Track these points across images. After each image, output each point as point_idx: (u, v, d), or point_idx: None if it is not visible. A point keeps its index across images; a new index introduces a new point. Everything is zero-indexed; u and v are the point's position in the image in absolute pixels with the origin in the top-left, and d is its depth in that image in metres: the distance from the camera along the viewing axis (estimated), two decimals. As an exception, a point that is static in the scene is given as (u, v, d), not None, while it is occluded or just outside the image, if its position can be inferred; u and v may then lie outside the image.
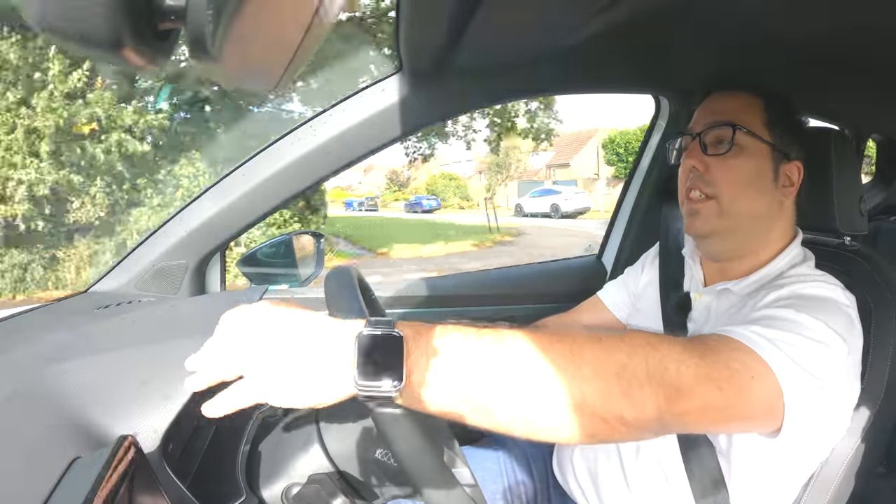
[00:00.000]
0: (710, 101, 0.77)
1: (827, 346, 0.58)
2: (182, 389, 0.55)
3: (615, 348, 0.46)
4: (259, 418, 0.72)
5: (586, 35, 0.80)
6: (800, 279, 0.67)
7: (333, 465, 0.66)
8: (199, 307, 0.84)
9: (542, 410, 0.44)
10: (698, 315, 0.78)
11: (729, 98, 0.75)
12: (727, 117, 0.72)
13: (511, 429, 0.44)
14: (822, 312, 0.60)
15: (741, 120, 0.71)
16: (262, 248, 1.08)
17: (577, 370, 0.44)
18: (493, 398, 0.43)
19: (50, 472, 0.42)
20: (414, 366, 0.42)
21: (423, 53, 0.81)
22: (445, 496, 0.51)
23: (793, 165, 0.73)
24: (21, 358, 0.62)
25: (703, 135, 0.73)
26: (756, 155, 0.71)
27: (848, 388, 0.65)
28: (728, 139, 0.71)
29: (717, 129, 0.72)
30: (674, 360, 0.48)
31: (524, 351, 0.44)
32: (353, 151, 0.92)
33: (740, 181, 0.71)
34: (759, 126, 0.72)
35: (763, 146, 0.72)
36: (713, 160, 0.72)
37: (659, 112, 1.14)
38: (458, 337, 0.44)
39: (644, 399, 0.45)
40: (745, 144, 0.71)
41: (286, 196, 0.94)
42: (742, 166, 0.71)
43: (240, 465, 0.65)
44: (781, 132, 0.72)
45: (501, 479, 0.95)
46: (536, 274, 1.28)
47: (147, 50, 0.19)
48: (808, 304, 0.61)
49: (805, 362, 0.55)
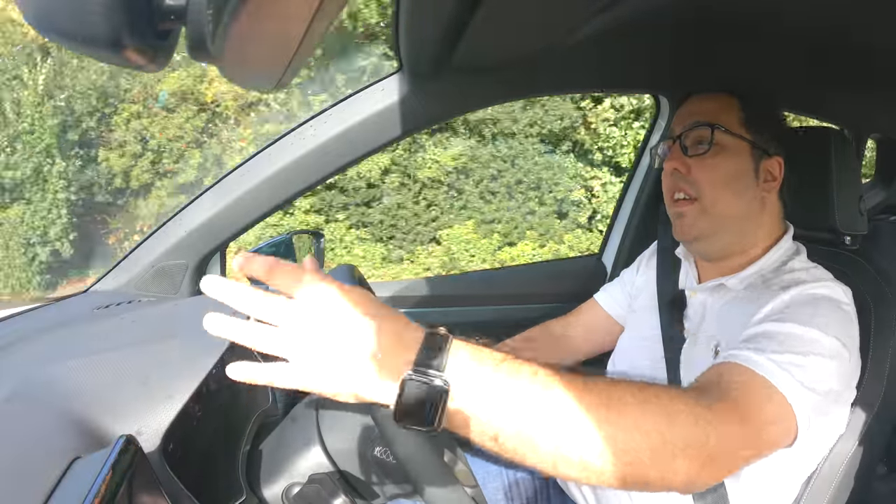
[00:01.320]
0: (688, 104, 0.78)
1: (836, 360, 0.59)
2: (182, 388, 0.55)
3: (653, 411, 0.46)
4: (259, 418, 0.72)
5: (586, 35, 0.80)
6: (798, 281, 0.67)
7: (334, 464, 0.66)
8: (199, 307, 0.84)
9: (573, 460, 0.43)
10: (693, 312, 0.78)
11: (706, 100, 0.76)
12: (705, 118, 0.73)
13: (540, 468, 0.44)
14: (828, 320, 0.61)
15: (719, 120, 0.72)
16: (262, 247, 1.08)
17: (614, 429, 0.44)
18: (525, 444, 0.43)
19: (50, 472, 0.42)
20: (453, 414, 0.41)
21: (423, 53, 0.81)
22: (446, 496, 0.51)
23: (773, 161, 0.73)
24: (21, 358, 0.62)
25: (683, 137, 0.74)
26: (735, 153, 0.72)
27: (849, 390, 0.65)
28: (707, 139, 0.72)
29: (695, 130, 0.73)
30: (711, 429, 0.48)
31: (562, 401, 0.43)
32: (353, 151, 0.92)
33: (721, 180, 0.72)
34: (737, 125, 0.73)
35: (742, 144, 0.72)
36: (694, 161, 0.73)
37: (659, 112, 1.14)
38: (501, 382, 0.43)
39: (677, 467, 0.46)
40: (724, 143, 0.72)
41: (286, 196, 0.94)
42: (722, 165, 0.72)
43: (240, 465, 0.64)
44: (759, 129, 0.73)
45: (501, 478, 0.95)
46: (536, 274, 1.28)
47: (147, 50, 0.19)
48: (813, 312, 0.61)
49: (817, 384, 0.57)
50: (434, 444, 0.54)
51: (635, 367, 0.82)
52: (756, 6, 0.74)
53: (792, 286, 0.66)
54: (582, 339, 0.96)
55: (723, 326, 0.72)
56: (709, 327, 0.74)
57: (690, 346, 0.75)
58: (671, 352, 0.77)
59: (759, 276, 0.72)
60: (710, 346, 0.71)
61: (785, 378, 0.55)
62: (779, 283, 0.69)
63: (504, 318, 1.19)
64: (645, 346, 0.81)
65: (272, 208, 0.95)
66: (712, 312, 0.75)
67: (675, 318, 0.79)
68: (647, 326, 0.83)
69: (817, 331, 0.59)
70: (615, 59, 0.96)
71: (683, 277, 0.84)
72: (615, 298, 0.95)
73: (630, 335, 0.88)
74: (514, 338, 0.96)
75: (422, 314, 1.15)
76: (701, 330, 0.75)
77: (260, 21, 0.21)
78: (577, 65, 0.95)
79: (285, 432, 0.71)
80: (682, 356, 0.75)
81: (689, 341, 0.76)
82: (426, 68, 0.86)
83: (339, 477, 0.66)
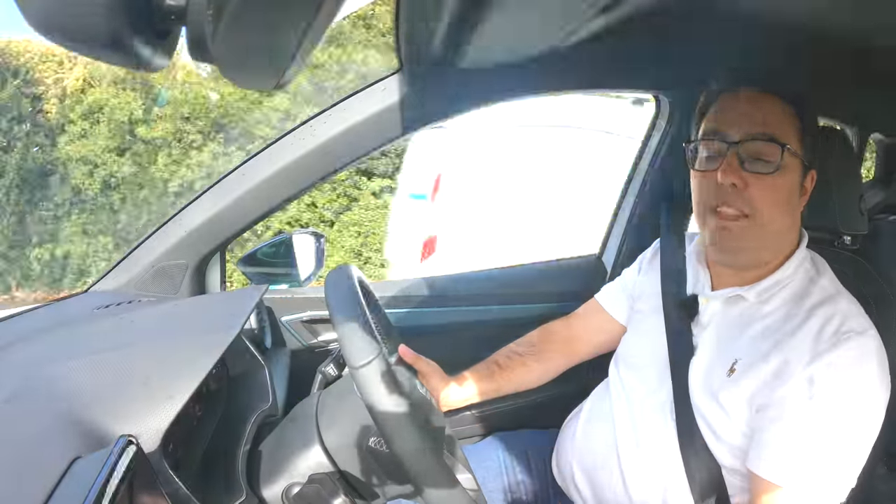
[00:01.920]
0: (743, 100, 0.69)
1: (878, 424, 0.62)
2: (182, 389, 0.55)
3: None
4: (259, 418, 0.72)
5: (586, 35, 0.80)
6: (834, 321, 0.65)
7: (334, 464, 0.66)
8: (199, 307, 0.84)
9: None
10: (706, 320, 0.75)
11: (762, 101, 0.69)
12: (771, 129, 0.66)
13: None
14: (876, 389, 0.62)
15: (784, 134, 0.67)
16: (262, 247, 1.08)
17: None
18: None
19: (50, 472, 0.42)
20: None
21: (423, 53, 0.81)
22: (446, 496, 0.51)
23: (811, 174, 0.71)
24: (21, 358, 0.62)
25: (741, 145, 0.67)
26: (793, 172, 0.68)
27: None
28: (773, 158, 0.66)
29: (758, 142, 0.66)
30: None
31: None
32: (353, 151, 0.92)
33: (780, 201, 0.68)
34: (797, 141, 0.68)
35: (798, 162, 0.68)
36: (753, 178, 0.66)
37: (659, 112, 1.14)
38: None
39: None
40: (787, 163, 0.67)
41: (286, 196, 0.94)
42: (784, 187, 0.67)
43: (240, 465, 0.64)
44: (811, 143, 0.69)
45: (501, 478, 0.95)
46: (536, 274, 1.27)
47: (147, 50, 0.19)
48: (860, 392, 0.61)
49: (858, 468, 0.61)
50: (434, 445, 0.54)
51: (638, 370, 0.81)
52: (756, 5, 0.74)
53: (834, 333, 0.63)
54: (584, 341, 0.95)
55: (743, 345, 0.69)
56: (724, 341, 0.72)
57: (702, 356, 0.73)
58: (677, 356, 0.75)
59: (779, 288, 0.71)
60: (727, 364, 0.69)
61: (835, 486, 0.59)
62: (807, 304, 0.68)
63: (504, 317, 1.18)
64: (648, 349, 0.80)
65: (272, 208, 0.95)
66: (726, 323, 0.73)
67: (684, 324, 0.77)
68: (652, 328, 0.81)
69: (865, 412, 0.61)
70: (615, 59, 0.96)
71: (692, 281, 0.81)
72: (617, 299, 0.94)
73: (633, 337, 0.87)
74: (517, 341, 0.95)
75: (422, 314, 1.15)
76: (714, 341, 0.73)
77: (260, 21, 0.21)
78: (577, 65, 0.95)
79: (285, 432, 0.71)
80: (693, 366, 0.73)
81: (699, 351, 0.74)
82: (426, 68, 0.86)
83: (339, 477, 0.66)
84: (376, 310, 0.80)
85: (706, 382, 0.71)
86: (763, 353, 0.66)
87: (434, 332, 1.15)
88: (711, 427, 0.69)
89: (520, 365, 0.91)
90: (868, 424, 0.61)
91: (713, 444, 0.69)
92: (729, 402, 0.68)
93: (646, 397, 0.77)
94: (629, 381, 0.81)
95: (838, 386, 0.61)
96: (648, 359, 0.79)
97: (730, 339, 0.72)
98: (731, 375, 0.68)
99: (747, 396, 0.66)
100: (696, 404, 0.71)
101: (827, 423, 0.60)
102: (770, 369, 0.65)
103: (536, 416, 1.09)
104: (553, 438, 0.93)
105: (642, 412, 0.77)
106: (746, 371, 0.67)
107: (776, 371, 0.64)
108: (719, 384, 0.69)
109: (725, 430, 0.68)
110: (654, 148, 1.15)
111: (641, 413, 0.77)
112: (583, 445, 0.83)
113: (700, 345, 0.74)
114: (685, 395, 0.72)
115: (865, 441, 0.61)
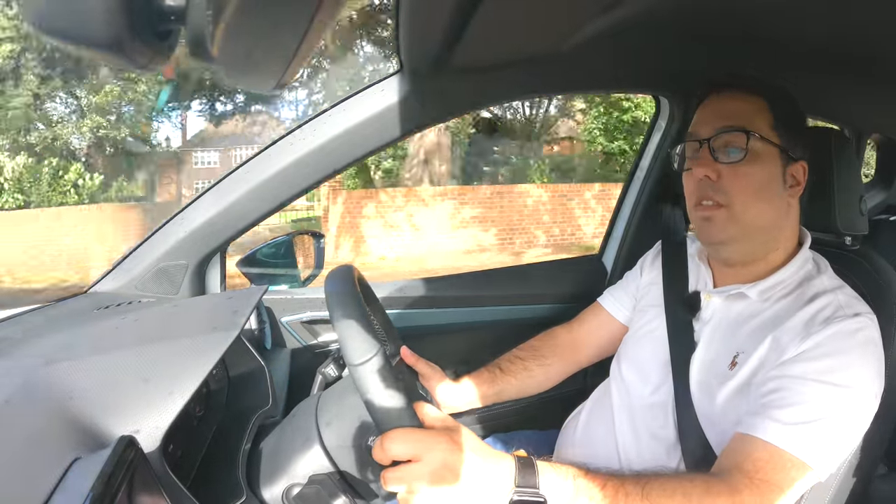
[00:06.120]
0: (713, 103, 0.74)
1: (869, 409, 0.62)
2: (183, 389, 0.55)
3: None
4: (259, 418, 0.72)
5: (586, 35, 0.80)
6: (831, 315, 0.65)
7: (334, 465, 0.66)
8: (200, 307, 0.84)
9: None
10: (708, 316, 0.76)
11: (734, 99, 0.72)
12: (738, 122, 0.70)
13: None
14: (867, 370, 0.62)
15: (752, 124, 0.69)
16: (263, 248, 1.08)
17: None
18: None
19: (50, 472, 0.42)
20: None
21: (423, 53, 0.81)
22: None
23: (798, 165, 0.72)
24: (21, 358, 0.62)
25: (712, 140, 0.71)
26: (767, 160, 0.70)
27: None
28: (740, 146, 0.69)
29: (727, 134, 0.70)
30: None
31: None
32: (353, 151, 0.92)
33: (753, 188, 0.69)
34: (768, 129, 0.70)
35: (773, 149, 0.70)
36: (725, 168, 0.70)
37: (659, 112, 1.14)
38: (579, 491, 0.54)
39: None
40: (757, 150, 0.69)
41: (287, 196, 0.94)
42: (755, 173, 0.69)
43: (240, 466, 0.64)
44: (788, 133, 0.71)
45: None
46: (536, 274, 1.27)
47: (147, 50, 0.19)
48: (852, 362, 0.61)
49: (848, 444, 0.62)
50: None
51: (640, 368, 0.81)
52: (756, 5, 0.74)
53: (825, 327, 0.64)
54: (586, 345, 0.95)
55: (744, 338, 0.70)
56: (726, 335, 0.73)
57: (703, 351, 0.74)
58: (678, 353, 0.76)
59: (782, 288, 0.71)
60: (729, 357, 0.70)
61: (815, 454, 0.58)
62: (805, 296, 0.68)
63: (504, 318, 1.18)
64: (650, 346, 0.81)
65: (272, 209, 0.95)
66: (728, 319, 0.74)
67: (685, 320, 0.78)
68: (653, 326, 0.82)
69: (855, 389, 0.60)
70: (615, 59, 0.96)
71: (694, 279, 0.82)
72: (620, 302, 0.94)
73: (635, 335, 0.87)
74: (519, 346, 0.95)
75: (422, 314, 1.15)
76: (715, 336, 0.74)
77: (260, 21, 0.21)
78: (577, 65, 0.95)
79: (285, 432, 0.71)
80: (694, 362, 0.74)
81: (701, 346, 0.75)
82: (426, 68, 0.86)
83: (339, 477, 0.66)
84: (377, 308, 0.80)
85: (707, 377, 0.71)
86: (762, 342, 0.67)
87: (433, 332, 1.15)
88: (713, 424, 0.69)
89: (522, 369, 0.91)
90: (858, 402, 0.60)
91: (714, 441, 0.69)
92: (730, 395, 0.68)
93: (647, 396, 0.78)
94: (630, 379, 0.82)
95: (830, 355, 0.62)
96: (650, 355, 0.80)
97: (731, 333, 0.72)
98: (733, 368, 0.69)
99: (748, 385, 0.67)
100: (697, 401, 0.71)
101: (816, 391, 0.60)
102: (765, 350, 0.67)
103: (536, 417, 1.09)
104: (553, 438, 0.93)
105: (643, 411, 0.77)
106: (747, 361, 0.68)
107: (771, 349, 0.66)
108: (721, 378, 0.69)
109: (726, 427, 0.68)
110: (655, 148, 1.15)
111: (642, 412, 0.77)
112: (583, 446, 0.84)
113: (701, 340, 0.75)
114: (686, 392, 0.73)
115: (854, 420, 0.60)
